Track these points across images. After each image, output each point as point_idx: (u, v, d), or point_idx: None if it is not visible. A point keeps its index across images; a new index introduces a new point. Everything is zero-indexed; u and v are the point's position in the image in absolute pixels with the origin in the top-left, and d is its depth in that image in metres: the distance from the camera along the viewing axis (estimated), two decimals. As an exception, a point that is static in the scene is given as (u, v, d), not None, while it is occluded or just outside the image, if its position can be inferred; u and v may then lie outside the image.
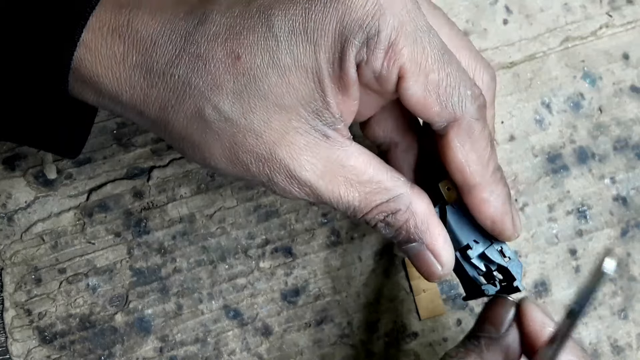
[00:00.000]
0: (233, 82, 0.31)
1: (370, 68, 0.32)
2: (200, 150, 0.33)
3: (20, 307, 0.42)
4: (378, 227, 0.34)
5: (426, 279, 0.35)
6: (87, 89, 0.33)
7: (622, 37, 0.47)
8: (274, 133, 0.32)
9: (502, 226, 0.35)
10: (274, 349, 0.43)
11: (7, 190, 0.43)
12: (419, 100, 0.32)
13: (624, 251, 0.44)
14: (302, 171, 0.32)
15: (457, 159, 0.34)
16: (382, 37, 0.31)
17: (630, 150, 0.45)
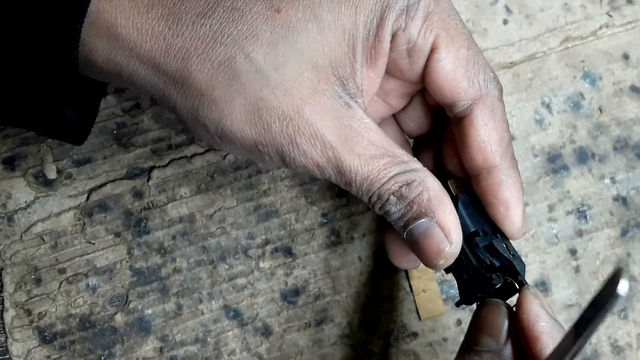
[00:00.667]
0: (270, 32, 0.31)
1: (407, 36, 0.32)
2: (218, 108, 0.31)
3: (20, 307, 0.42)
4: (390, 201, 0.33)
5: (430, 262, 0.34)
6: (101, 41, 0.31)
7: (622, 37, 0.47)
8: (303, 91, 0.31)
9: (513, 215, 0.35)
10: (274, 349, 0.43)
11: (7, 190, 0.43)
12: (449, 73, 0.33)
13: (624, 251, 0.44)
14: (327, 132, 0.31)
15: (480, 137, 0.34)
16: (421, 5, 0.32)
17: (630, 150, 0.45)
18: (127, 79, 0.32)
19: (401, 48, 0.33)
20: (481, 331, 0.33)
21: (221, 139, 0.32)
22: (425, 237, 0.33)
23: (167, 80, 0.32)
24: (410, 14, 0.32)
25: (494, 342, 0.32)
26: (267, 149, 0.32)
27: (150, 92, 0.33)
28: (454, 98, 0.34)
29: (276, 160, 0.33)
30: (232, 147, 0.33)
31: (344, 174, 0.32)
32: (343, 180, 0.33)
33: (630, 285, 0.44)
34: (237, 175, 0.44)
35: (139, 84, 0.32)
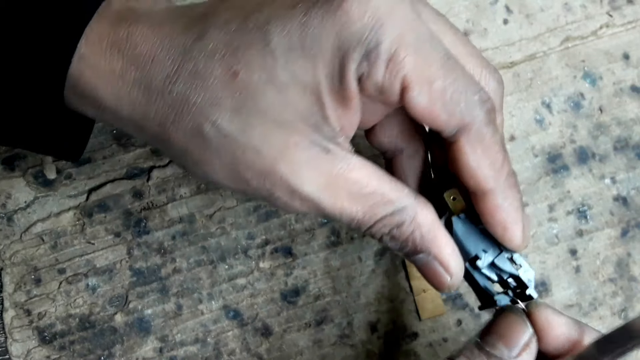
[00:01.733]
0: (231, 98, 0.31)
1: (372, 81, 0.31)
2: (201, 166, 0.32)
3: (20, 308, 0.42)
4: (383, 240, 0.33)
5: (436, 289, 0.35)
6: (86, 103, 0.33)
7: (622, 37, 0.47)
8: (274, 149, 0.31)
9: (512, 234, 0.34)
10: (273, 349, 0.43)
11: (6, 191, 0.43)
12: (425, 109, 0.32)
13: (625, 251, 0.44)
14: (303, 186, 0.31)
15: (469, 165, 0.33)
16: (381, 49, 0.30)
17: (630, 150, 0.45)
18: (118, 129, 0.34)
19: (371, 90, 0.32)
20: (498, 337, 0.33)
21: (215, 185, 0.34)
22: (425, 270, 0.34)
23: (150, 138, 0.33)
24: (371, 60, 0.31)
25: (508, 351, 0.33)
26: (254, 196, 0.33)
27: (142, 141, 0.34)
28: (437, 129, 0.33)
29: (267, 202, 0.34)
30: (227, 189, 0.34)
31: (330, 217, 0.33)
32: (335, 218, 0.33)
33: (631, 286, 0.44)
34: (237, 175, 0.44)
35: (130, 134, 0.34)
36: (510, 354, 0.33)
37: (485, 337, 0.33)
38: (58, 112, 0.34)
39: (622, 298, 0.44)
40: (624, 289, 0.44)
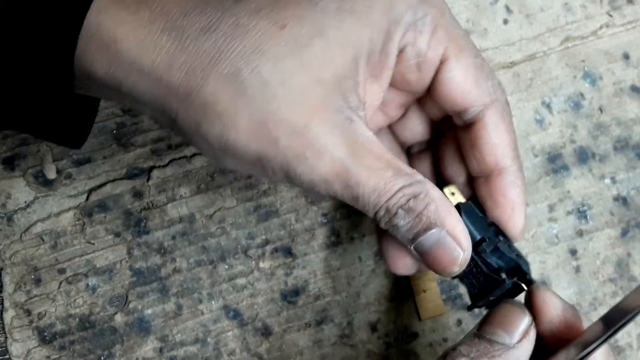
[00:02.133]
0: (276, 48, 0.31)
1: (416, 50, 0.33)
2: (222, 121, 0.31)
3: (20, 307, 0.42)
4: (398, 215, 0.33)
5: (444, 270, 0.34)
6: (100, 56, 0.31)
7: (622, 37, 0.47)
8: (310, 106, 0.31)
9: (518, 216, 0.35)
10: (273, 349, 0.43)
11: (6, 190, 0.43)
12: (460, 83, 0.34)
13: (625, 251, 0.44)
14: (335, 147, 0.31)
15: (493, 140, 0.35)
16: (427, 20, 0.33)
17: (630, 150, 0.45)
18: (126, 93, 0.32)
19: (410, 62, 0.34)
20: (498, 325, 0.33)
21: (223, 153, 0.32)
22: (438, 247, 0.33)
23: (168, 93, 0.31)
24: (418, 28, 0.33)
25: (509, 337, 0.33)
26: (271, 163, 0.32)
27: (149, 105, 0.32)
28: (466, 105, 0.35)
29: (280, 175, 0.32)
30: (233, 161, 0.33)
31: (352, 188, 0.32)
32: (350, 194, 0.32)
33: (631, 286, 0.44)
34: (237, 175, 0.44)
35: (138, 98, 0.32)
36: (511, 340, 0.33)
37: (484, 326, 0.34)
38: (65, 82, 0.32)
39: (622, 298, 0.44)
40: (624, 289, 0.44)
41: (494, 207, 0.36)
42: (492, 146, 0.35)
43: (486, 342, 0.33)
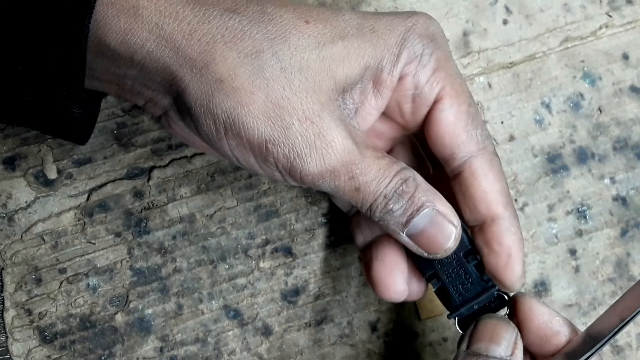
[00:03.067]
0: (298, 38, 0.32)
1: (415, 81, 0.35)
2: (236, 97, 0.31)
3: (21, 307, 0.42)
4: (393, 199, 0.34)
5: (440, 248, 0.35)
6: (119, 22, 0.31)
7: (621, 37, 0.47)
8: (323, 96, 0.32)
9: (515, 263, 0.36)
10: (274, 349, 0.43)
11: (7, 190, 0.43)
12: (450, 125, 0.35)
13: (624, 251, 0.45)
14: (344, 138, 0.33)
15: (482, 187, 0.35)
16: (432, 58, 0.35)
17: (629, 150, 0.46)
18: (137, 62, 0.32)
19: (407, 92, 0.35)
20: (490, 340, 0.34)
21: (228, 132, 0.32)
22: (432, 225, 0.35)
23: (183, 63, 0.32)
24: (422, 62, 0.35)
25: (503, 350, 0.34)
26: (277, 148, 0.32)
27: (159, 76, 0.32)
28: (453, 149, 0.36)
29: (281, 164, 0.33)
30: (234, 143, 0.33)
31: (355, 179, 0.33)
32: (352, 186, 0.33)
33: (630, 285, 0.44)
34: (237, 175, 0.44)
35: (150, 68, 0.32)
36: (506, 353, 0.33)
37: (475, 344, 0.34)
38: (80, 48, 0.31)
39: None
40: (624, 288, 0.44)
41: (490, 255, 0.36)
42: (483, 193, 0.36)
43: (483, 359, 0.33)
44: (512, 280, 0.36)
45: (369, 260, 0.38)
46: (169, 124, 0.36)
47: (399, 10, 0.46)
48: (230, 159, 0.34)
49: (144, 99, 0.35)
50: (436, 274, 0.37)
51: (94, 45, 0.32)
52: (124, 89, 0.34)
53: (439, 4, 0.46)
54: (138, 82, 0.33)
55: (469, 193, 0.36)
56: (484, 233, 0.36)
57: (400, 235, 0.35)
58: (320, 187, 0.34)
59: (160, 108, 0.35)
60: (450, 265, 0.36)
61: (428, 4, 0.46)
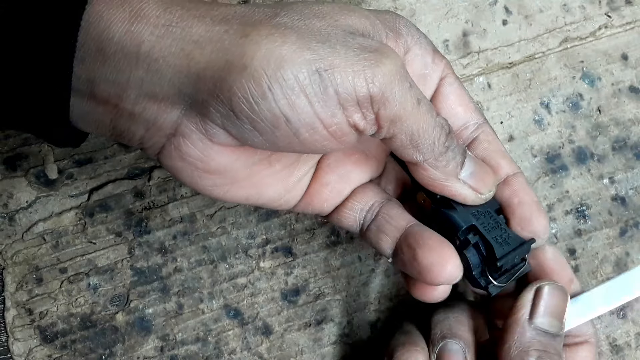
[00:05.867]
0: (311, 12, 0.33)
1: (423, 62, 0.37)
2: (279, 36, 0.30)
3: (22, 307, 0.42)
4: (448, 141, 0.34)
5: (488, 187, 0.36)
6: (123, 11, 0.30)
7: (621, 38, 0.47)
8: (345, 32, 0.33)
9: (541, 211, 0.38)
10: (274, 348, 0.43)
11: (8, 190, 0.43)
12: (460, 97, 0.38)
13: (623, 251, 0.45)
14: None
15: (500, 147, 0.39)
16: (427, 41, 0.37)
17: (629, 150, 0.46)
18: (145, 56, 0.30)
19: (418, 73, 0.36)
20: (557, 318, 0.36)
21: (298, 88, 0.31)
22: (477, 165, 0.36)
23: (204, 40, 0.31)
24: (422, 44, 0.36)
25: (563, 327, 0.36)
26: (342, 71, 0.31)
27: (170, 70, 0.31)
28: (466, 119, 0.38)
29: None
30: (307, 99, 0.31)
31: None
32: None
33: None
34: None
35: (159, 59, 0.30)
36: (563, 330, 0.37)
37: (541, 319, 0.36)
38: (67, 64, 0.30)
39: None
40: (623, 288, 0.44)
41: (518, 208, 0.37)
42: (502, 152, 0.38)
43: (549, 339, 0.36)
44: (543, 225, 0.37)
45: (411, 253, 0.36)
46: (178, 150, 0.33)
47: (399, 10, 0.46)
48: (296, 128, 0.32)
49: (144, 125, 0.32)
50: (474, 226, 0.36)
51: (94, 45, 0.30)
52: (124, 111, 0.32)
53: (438, 5, 0.46)
54: (143, 90, 0.31)
55: (488, 153, 0.37)
56: (506, 188, 0.37)
57: (456, 181, 0.35)
58: (393, 131, 0.33)
59: (164, 134, 0.33)
60: (485, 221, 0.36)
61: (428, 5, 0.46)
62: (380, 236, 0.38)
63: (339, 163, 0.38)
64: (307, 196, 0.38)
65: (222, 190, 0.35)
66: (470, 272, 0.36)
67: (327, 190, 0.38)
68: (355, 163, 0.38)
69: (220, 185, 0.34)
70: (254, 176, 0.35)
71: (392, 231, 0.37)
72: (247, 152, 0.34)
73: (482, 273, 0.36)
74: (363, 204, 0.38)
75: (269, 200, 0.37)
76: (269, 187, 0.36)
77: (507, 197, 0.37)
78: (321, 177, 0.38)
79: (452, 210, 0.36)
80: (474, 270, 0.36)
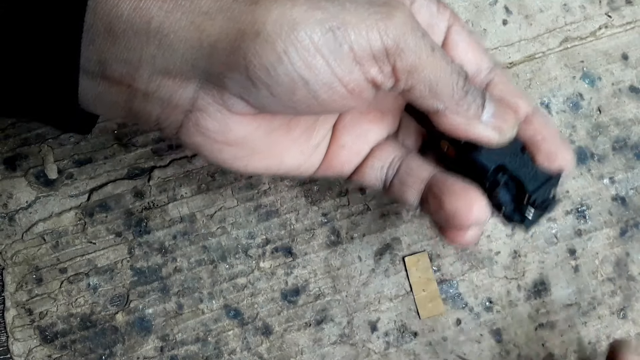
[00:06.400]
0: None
1: (429, 11, 0.36)
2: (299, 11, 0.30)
3: (22, 307, 0.42)
4: (466, 85, 0.34)
5: (511, 126, 0.36)
6: None
7: (621, 38, 0.47)
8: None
9: (565, 144, 0.37)
10: (274, 349, 0.43)
11: (8, 190, 0.43)
12: (470, 43, 0.37)
13: (623, 251, 0.45)
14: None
15: (515, 88, 0.38)
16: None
17: (629, 150, 0.46)
18: (155, 31, 0.30)
19: (425, 22, 0.36)
20: None
21: (320, 45, 0.30)
22: (498, 104, 0.35)
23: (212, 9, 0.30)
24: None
25: None
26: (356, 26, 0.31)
27: (183, 45, 0.30)
28: (478, 64, 0.37)
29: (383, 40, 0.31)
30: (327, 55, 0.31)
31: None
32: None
33: (630, 285, 0.44)
34: (238, 175, 0.44)
35: (170, 34, 0.30)
36: None
37: None
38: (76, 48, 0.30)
39: (620, 297, 0.44)
40: (623, 288, 0.44)
41: (542, 143, 0.37)
42: (516, 95, 0.37)
43: None
44: (569, 158, 0.37)
45: (437, 202, 0.36)
46: (197, 125, 0.33)
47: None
48: (315, 90, 0.31)
49: (160, 104, 0.32)
50: (502, 166, 0.36)
51: (103, 25, 0.30)
52: (138, 91, 0.32)
53: (438, 5, 0.46)
54: (156, 67, 0.31)
55: (505, 94, 0.37)
56: (528, 126, 0.37)
57: (478, 124, 0.35)
58: (411, 82, 0.33)
59: (181, 110, 0.33)
60: (512, 160, 0.36)
61: (428, 5, 0.46)
62: (404, 190, 0.38)
63: (354, 123, 0.38)
64: (326, 160, 0.38)
65: (243, 162, 0.35)
66: (503, 211, 0.37)
67: (345, 152, 0.38)
68: (371, 121, 0.38)
69: (241, 157, 0.34)
70: (273, 145, 0.35)
71: (415, 183, 0.38)
72: (266, 119, 0.34)
73: (515, 210, 0.37)
74: (383, 161, 0.38)
75: (289, 168, 0.37)
76: (289, 155, 0.36)
77: (531, 135, 0.37)
78: (338, 139, 0.38)
79: (478, 154, 0.36)
80: (507, 209, 0.37)
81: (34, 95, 0.32)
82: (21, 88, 0.31)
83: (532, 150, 0.37)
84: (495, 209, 0.37)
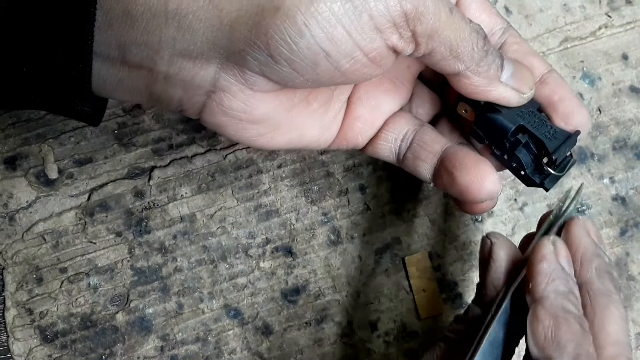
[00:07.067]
0: None
1: None
2: None
3: (22, 307, 0.42)
4: (486, 46, 0.34)
5: (529, 86, 0.36)
6: None
7: (621, 38, 0.47)
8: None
9: (581, 104, 0.37)
10: (274, 348, 0.43)
11: (8, 190, 0.43)
12: (482, 5, 0.38)
13: (623, 251, 0.45)
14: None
15: (529, 47, 0.38)
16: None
17: (629, 150, 0.46)
18: (174, 13, 0.30)
19: None
20: None
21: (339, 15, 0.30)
22: (516, 65, 0.36)
23: None
24: None
25: None
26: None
27: (202, 24, 0.30)
28: (492, 25, 0.38)
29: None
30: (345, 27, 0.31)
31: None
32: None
33: (630, 285, 0.44)
34: (238, 175, 0.44)
35: (189, 14, 0.30)
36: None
37: None
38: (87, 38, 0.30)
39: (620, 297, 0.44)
40: (623, 288, 0.44)
41: (560, 104, 0.37)
42: (531, 55, 0.37)
43: None
44: (586, 117, 0.37)
45: (450, 176, 0.37)
46: (220, 105, 0.33)
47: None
48: (337, 61, 0.31)
49: (181, 86, 0.32)
50: (522, 126, 0.36)
51: (121, 8, 0.30)
52: (159, 74, 0.31)
53: (438, 5, 0.46)
54: (177, 49, 0.31)
55: (520, 54, 0.37)
56: (544, 87, 0.37)
57: (499, 84, 0.35)
58: (431, 45, 0.33)
59: (203, 91, 0.32)
60: (531, 120, 0.36)
61: (428, 5, 0.46)
62: (417, 163, 0.38)
63: (369, 95, 0.38)
64: (342, 132, 0.38)
65: (266, 139, 0.35)
66: (525, 171, 0.37)
67: (359, 123, 0.38)
68: (385, 92, 0.39)
69: (265, 134, 0.35)
70: (294, 119, 0.36)
71: (428, 157, 0.38)
72: (287, 95, 0.34)
73: (536, 170, 0.37)
74: (396, 133, 0.39)
75: (309, 142, 0.37)
76: (309, 128, 0.37)
77: (547, 95, 0.37)
78: (353, 110, 0.38)
79: (498, 115, 0.36)
80: (528, 169, 0.37)
81: (48, 81, 0.31)
82: (36, 74, 0.31)
83: (549, 111, 0.37)
84: (514, 171, 0.37)
